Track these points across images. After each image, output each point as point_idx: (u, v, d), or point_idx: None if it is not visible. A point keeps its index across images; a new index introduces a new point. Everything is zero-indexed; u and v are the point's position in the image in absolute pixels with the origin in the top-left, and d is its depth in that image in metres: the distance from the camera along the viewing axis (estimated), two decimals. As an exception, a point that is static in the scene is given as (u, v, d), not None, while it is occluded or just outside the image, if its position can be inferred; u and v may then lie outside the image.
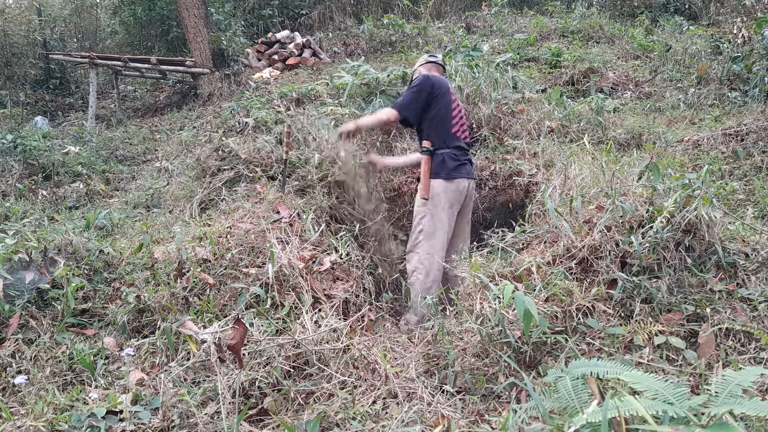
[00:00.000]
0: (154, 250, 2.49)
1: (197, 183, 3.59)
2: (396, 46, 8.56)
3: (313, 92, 5.30)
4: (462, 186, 3.00)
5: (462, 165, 3.02)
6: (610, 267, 2.08)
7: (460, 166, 3.00)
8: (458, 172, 2.99)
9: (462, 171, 3.01)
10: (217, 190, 3.35)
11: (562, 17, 9.46)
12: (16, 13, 9.60)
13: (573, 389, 1.31)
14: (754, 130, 3.95)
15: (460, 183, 2.99)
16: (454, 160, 2.97)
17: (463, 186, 3.01)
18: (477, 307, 2.02)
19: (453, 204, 2.98)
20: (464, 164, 3.04)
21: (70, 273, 2.16)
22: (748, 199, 3.26)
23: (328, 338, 1.98)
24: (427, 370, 1.98)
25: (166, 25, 10.15)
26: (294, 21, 10.21)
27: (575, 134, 4.28)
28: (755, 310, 1.91)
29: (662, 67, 6.56)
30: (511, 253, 2.40)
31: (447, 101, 3.01)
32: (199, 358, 1.82)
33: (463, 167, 3.03)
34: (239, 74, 8.40)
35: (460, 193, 3.00)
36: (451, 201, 2.96)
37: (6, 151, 5.19)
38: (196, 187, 3.56)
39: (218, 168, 3.48)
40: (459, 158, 3.00)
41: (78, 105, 9.51)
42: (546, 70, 6.63)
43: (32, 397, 1.71)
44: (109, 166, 5.80)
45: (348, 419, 1.62)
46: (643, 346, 1.81)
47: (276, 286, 2.20)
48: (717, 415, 1.06)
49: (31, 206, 4.37)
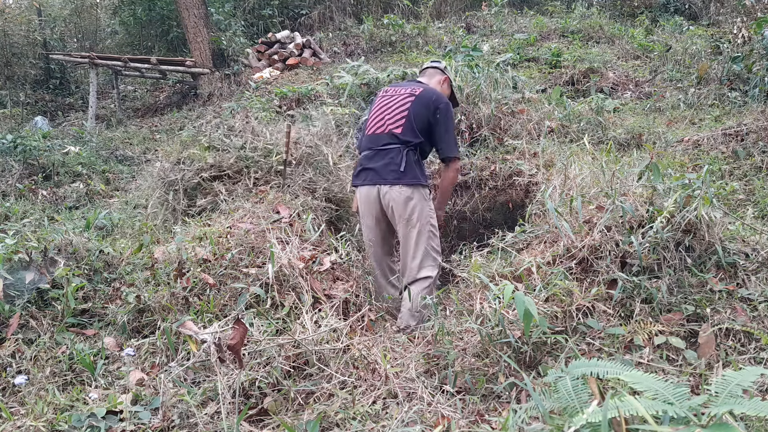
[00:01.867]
0: (154, 250, 2.49)
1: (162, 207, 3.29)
2: (396, 46, 8.57)
3: (313, 92, 5.30)
4: (363, 193, 2.70)
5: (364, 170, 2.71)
6: (610, 267, 2.08)
7: (361, 171, 2.74)
8: (357, 179, 2.75)
9: (362, 177, 2.71)
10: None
11: (562, 17, 9.47)
12: (16, 13, 9.61)
13: (573, 389, 1.31)
14: (754, 130, 3.95)
15: (360, 190, 2.73)
16: (359, 164, 2.76)
17: (364, 193, 2.69)
18: (477, 307, 2.02)
19: (364, 213, 2.76)
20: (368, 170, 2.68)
21: (70, 273, 2.16)
22: (748, 199, 3.26)
23: (328, 338, 1.98)
24: (427, 370, 1.98)
25: (166, 25, 10.16)
26: (294, 21, 10.22)
27: (575, 134, 4.28)
28: (755, 310, 1.91)
29: (662, 67, 6.56)
30: (511, 253, 2.40)
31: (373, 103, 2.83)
32: (199, 358, 1.82)
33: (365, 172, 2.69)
34: (239, 74, 8.41)
35: (364, 202, 2.72)
36: (361, 210, 2.77)
37: (6, 151, 5.19)
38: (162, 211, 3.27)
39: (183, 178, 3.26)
40: (362, 162, 2.73)
41: (78, 105, 9.52)
42: (546, 70, 6.63)
43: (32, 397, 1.71)
44: (109, 166, 5.80)
45: (348, 419, 1.62)
46: (643, 346, 1.81)
47: (276, 286, 2.20)
48: (717, 415, 1.06)
49: (31, 206, 4.37)
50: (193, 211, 3.14)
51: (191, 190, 3.25)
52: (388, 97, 2.78)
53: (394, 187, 2.58)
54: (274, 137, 3.37)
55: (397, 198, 2.58)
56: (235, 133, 3.41)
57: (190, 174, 3.22)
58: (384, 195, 2.62)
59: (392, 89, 2.84)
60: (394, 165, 2.59)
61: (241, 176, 3.23)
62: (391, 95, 2.78)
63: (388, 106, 2.72)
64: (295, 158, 3.25)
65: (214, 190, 3.16)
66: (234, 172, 3.24)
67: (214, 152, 3.31)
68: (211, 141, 3.33)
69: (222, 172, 3.24)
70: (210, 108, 7.58)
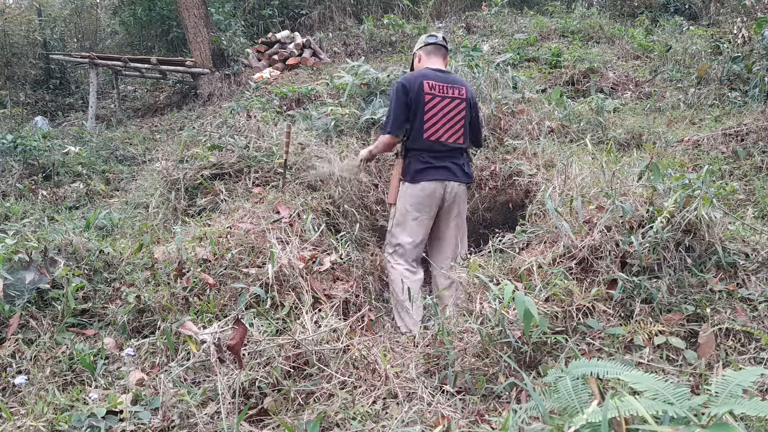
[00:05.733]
0: (154, 250, 2.49)
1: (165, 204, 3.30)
2: (396, 46, 8.57)
3: (313, 92, 5.30)
4: (430, 189, 2.78)
5: (433, 168, 2.78)
6: (610, 267, 2.08)
7: (429, 168, 2.78)
8: (426, 174, 2.78)
9: (431, 174, 2.78)
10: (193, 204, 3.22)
11: (562, 17, 9.46)
12: (16, 13, 9.61)
13: (573, 389, 1.31)
14: (754, 130, 3.95)
15: (427, 186, 2.77)
16: (422, 162, 2.78)
17: (432, 188, 2.78)
18: (477, 307, 2.03)
19: (421, 208, 2.80)
20: (438, 168, 2.79)
21: (70, 273, 2.16)
22: (748, 199, 3.26)
23: (328, 338, 1.98)
24: (427, 370, 1.98)
25: (166, 25, 10.16)
26: (294, 21, 10.22)
27: (575, 134, 4.28)
28: (755, 310, 1.91)
29: (662, 67, 6.56)
30: (510, 253, 2.40)
31: (421, 101, 2.75)
32: (199, 358, 1.82)
33: (435, 170, 2.78)
34: (239, 74, 8.41)
35: (428, 197, 2.78)
36: (418, 205, 2.79)
37: (6, 151, 5.19)
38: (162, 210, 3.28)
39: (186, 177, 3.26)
40: (429, 161, 2.78)
41: (78, 105, 9.51)
42: (546, 70, 6.63)
43: (32, 397, 1.71)
44: (109, 166, 5.80)
45: (348, 419, 1.62)
46: (643, 346, 1.81)
47: (276, 286, 2.20)
48: (717, 415, 1.06)
49: (31, 206, 4.37)
50: (193, 211, 3.14)
51: (192, 189, 3.27)
52: (440, 98, 2.79)
53: (453, 184, 2.84)
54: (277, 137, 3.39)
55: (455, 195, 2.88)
56: (239, 132, 3.44)
57: (192, 172, 3.24)
58: (449, 192, 2.84)
59: (439, 86, 2.80)
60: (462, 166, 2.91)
61: (242, 175, 3.24)
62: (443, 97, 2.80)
63: (448, 116, 2.81)
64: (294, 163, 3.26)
65: (214, 190, 3.17)
66: (235, 171, 3.26)
67: (216, 151, 3.33)
68: (212, 140, 3.34)
69: (224, 171, 3.26)
70: (210, 108, 7.58)
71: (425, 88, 2.74)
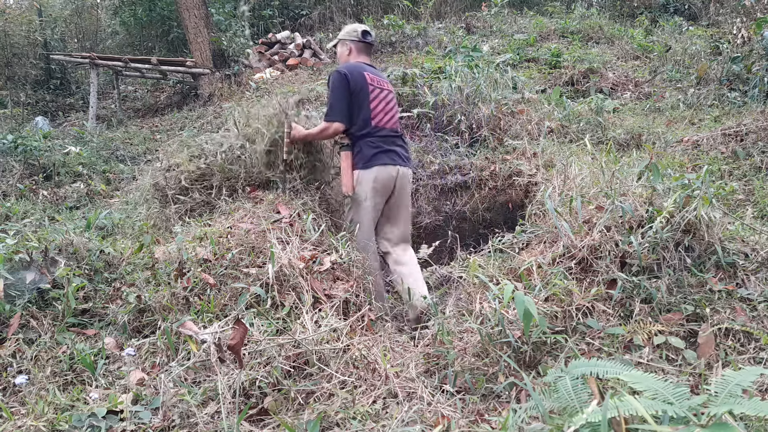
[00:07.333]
0: (154, 250, 2.49)
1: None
2: (396, 47, 8.58)
3: (313, 92, 5.30)
4: (385, 174, 2.92)
5: (383, 152, 2.93)
6: (610, 267, 2.08)
7: (380, 153, 2.92)
8: (378, 159, 2.91)
9: (383, 158, 2.93)
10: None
11: (562, 18, 9.47)
12: (16, 14, 9.62)
13: (573, 389, 1.31)
14: (754, 131, 3.95)
15: (382, 170, 2.91)
16: (373, 147, 2.91)
17: (386, 174, 2.92)
18: (477, 307, 2.03)
19: (377, 193, 2.92)
20: (388, 151, 2.95)
21: (70, 273, 2.16)
22: (747, 199, 3.26)
23: (328, 338, 1.98)
24: (427, 370, 1.98)
25: (166, 25, 10.17)
26: (294, 21, 10.23)
27: (575, 134, 4.28)
28: (755, 310, 1.92)
29: (662, 68, 6.56)
30: (510, 253, 2.40)
31: (365, 90, 2.92)
32: (200, 358, 1.82)
33: (385, 154, 2.94)
34: (240, 74, 8.41)
35: (384, 182, 2.92)
36: (374, 190, 2.90)
37: (7, 152, 5.19)
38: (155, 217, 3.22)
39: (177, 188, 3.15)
40: (380, 145, 2.93)
41: (78, 105, 9.52)
42: (546, 70, 6.63)
43: (33, 397, 1.71)
44: (110, 166, 5.80)
45: (348, 419, 1.62)
46: (642, 346, 1.81)
47: (276, 286, 2.20)
48: (717, 415, 1.06)
49: (32, 206, 4.38)
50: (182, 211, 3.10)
51: (181, 194, 3.19)
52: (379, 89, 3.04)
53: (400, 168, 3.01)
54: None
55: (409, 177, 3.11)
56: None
57: (174, 182, 3.17)
58: (400, 175, 3.00)
59: (376, 79, 3.04)
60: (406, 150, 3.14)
61: (237, 180, 3.16)
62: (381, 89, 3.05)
63: (389, 105, 3.06)
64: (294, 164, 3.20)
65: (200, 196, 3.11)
66: (224, 178, 3.17)
67: (198, 161, 3.22)
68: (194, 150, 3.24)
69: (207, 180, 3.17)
70: (210, 108, 7.59)
71: (367, 79, 2.95)
